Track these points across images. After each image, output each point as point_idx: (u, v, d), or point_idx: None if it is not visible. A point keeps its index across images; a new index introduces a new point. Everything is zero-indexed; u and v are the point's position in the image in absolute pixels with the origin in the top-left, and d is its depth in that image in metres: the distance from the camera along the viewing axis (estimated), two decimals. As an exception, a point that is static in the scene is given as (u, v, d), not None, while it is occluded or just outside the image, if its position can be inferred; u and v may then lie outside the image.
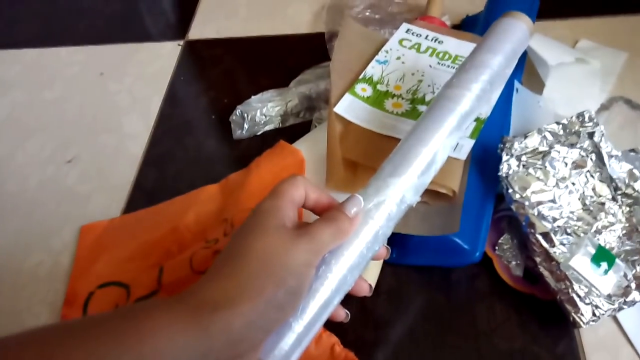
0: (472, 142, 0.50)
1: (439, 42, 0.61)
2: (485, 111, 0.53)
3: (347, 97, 0.55)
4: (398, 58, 0.60)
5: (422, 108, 0.55)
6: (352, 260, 0.33)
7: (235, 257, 0.28)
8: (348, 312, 0.36)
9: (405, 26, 0.63)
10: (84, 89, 0.77)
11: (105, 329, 0.25)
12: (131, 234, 0.54)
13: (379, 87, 0.57)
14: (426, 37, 0.62)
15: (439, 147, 0.38)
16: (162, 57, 0.79)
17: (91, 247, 0.56)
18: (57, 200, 0.63)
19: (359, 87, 0.57)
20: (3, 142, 0.71)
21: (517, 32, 0.46)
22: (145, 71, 0.78)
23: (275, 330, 0.29)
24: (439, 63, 0.59)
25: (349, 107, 0.55)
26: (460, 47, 0.61)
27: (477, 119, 0.53)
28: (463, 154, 0.49)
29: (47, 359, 0.23)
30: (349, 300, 0.49)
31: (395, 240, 0.52)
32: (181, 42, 0.81)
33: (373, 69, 0.59)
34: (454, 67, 0.59)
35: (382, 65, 0.59)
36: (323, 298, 0.31)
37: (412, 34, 0.63)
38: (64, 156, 0.68)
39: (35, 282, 0.56)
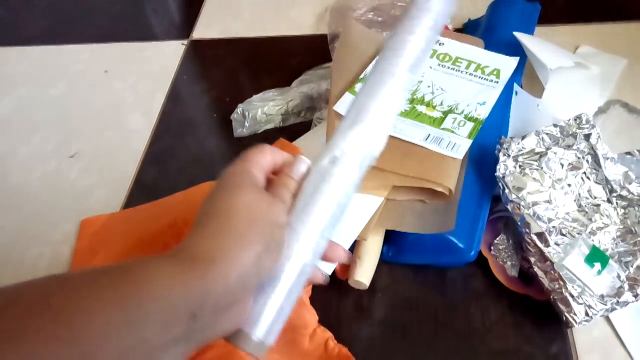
0: (469, 142, 0.51)
1: (440, 44, 0.62)
2: (484, 112, 0.54)
3: (347, 95, 0.56)
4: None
5: (421, 108, 0.55)
6: (319, 219, 0.33)
7: (220, 214, 0.29)
8: (326, 274, 0.36)
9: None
10: (88, 86, 0.78)
11: (104, 280, 0.25)
12: (130, 228, 0.55)
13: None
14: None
15: (393, 97, 0.36)
16: (166, 56, 0.80)
17: (91, 240, 0.56)
18: (59, 194, 0.64)
19: (359, 87, 0.57)
20: (8, 137, 0.72)
21: None
22: (149, 69, 0.79)
23: (263, 280, 0.30)
24: (439, 64, 0.60)
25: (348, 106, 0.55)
26: (461, 49, 0.61)
27: (475, 120, 0.53)
28: (460, 153, 0.50)
29: (47, 307, 0.23)
30: (344, 297, 0.50)
31: (392, 238, 0.52)
32: (185, 42, 0.82)
33: (369, 70, 0.59)
34: (453, 69, 0.59)
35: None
36: (297, 262, 0.32)
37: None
38: (67, 151, 0.69)
39: (35, 273, 0.56)
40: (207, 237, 0.28)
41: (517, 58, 0.59)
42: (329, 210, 0.33)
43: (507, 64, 0.59)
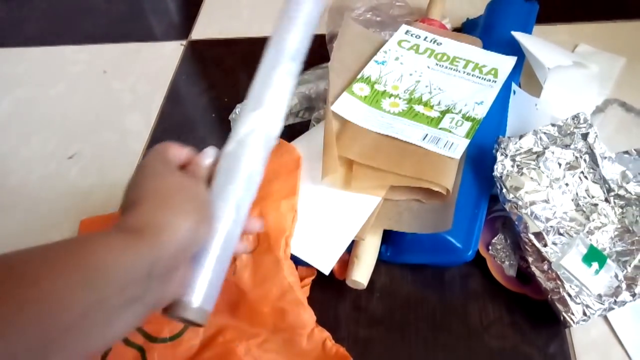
0: (466, 141, 0.51)
1: (437, 43, 0.62)
2: (481, 112, 0.54)
3: (345, 96, 0.56)
4: (396, 59, 0.61)
5: (418, 108, 0.55)
6: (234, 194, 0.37)
7: (154, 194, 0.33)
8: (260, 221, 0.41)
9: (404, 28, 0.64)
10: (87, 87, 0.78)
11: (61, 251, 0.27)
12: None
13: (376, 86, 0.58)
14: (425, 39, 0.63)
15: (282, 83, 0.41)
16: (165, 56, 0.80)
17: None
18: (58, 195, 0.64)
19: (357, 87, 0.57)
20: (7, 138, 0.72)
21: None
22: (147, 70, 0.79)
23: (199, 249, 0.34)
24: (437, 64, 0.60)
25: (347, 106, 0.55)
26: (459, 48, 0.61)
27: (472, 119, 0.53)
28: (457, 153, 0.50)
29: (10, 275, 0.25)
30: (342, 298, 0.50)
31: (390, 238, 0.52)
32: (184, 42, 0.82)
33: (371, 69, 0.59)
34: (451, 68, 0.59)
35: (381, 65, 0.60)
36: (221, 232, 0.36)
37: (411, 35, 0.63)
38: (66, 152, 0.69)
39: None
40: (146, 213, 0.31)
41: (515, 57, 0.59)
42: (242, 186, 0.37)
43: (505, 63, 0.59)
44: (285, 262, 0.46)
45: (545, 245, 0.44)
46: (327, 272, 0.47)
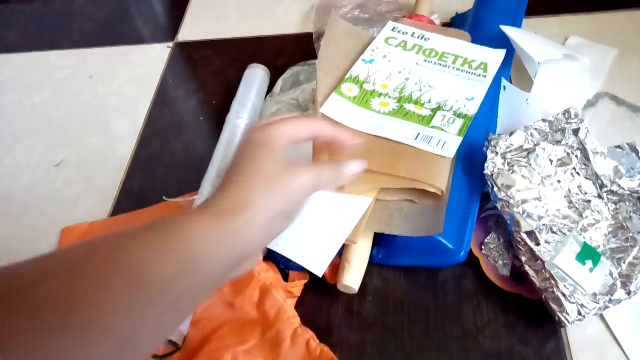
0: (459, 139, 0.50)
1: (425, 39, 0.61)
2: (472, 108, 0.53)
3: (334, 97, 0.55)
4: (384, 56, 0.60)
5: (409, 106, 0.54)
6: None
7: (245, 177, 0.35)
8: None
9: (390, 24, 0.63)
10: (73, 92, 0.77)
11: (153, 236, 0.30)
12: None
13: (365, 86, 0.57)
14: (412, 35, 0.62)
15: None
16: (152, 59, 0.79)
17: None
18: (45, 204, 0.63)
19: (345, 87, 0.56)
20: (-8, 146, 0.71)
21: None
22: (134, 73, 0.78)
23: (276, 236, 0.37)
24: (425, 60, 0.59)
25: (336, 107, 0.54)
26: (448, 43, 0.60)
27: (464, 116, 0.52)
28: (450, 151, 0.49)
29: (114, 261, 0.27)
30: (334, 302, 0.49)
31: (381, 240, 0.51)
32: (170, 44, 0.81)
33: (359, 69, 0.58)
34: (440, 64, 0.58)
35: (368, 64, 0.59)
36: None
37: (398, 31, 0.62)
38: (52, 159, 0.68)
39: (22, 286, 0.56)
40: (235, 195, 0.34)
41: (504, 50, 0.58)
42: None
43: (494, 56, 0.58)
44: (256, 266, 0.47)
45: (538, 244, 0.44)
46: (320, 274, 0.46)
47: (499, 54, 0.58)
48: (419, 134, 0.51)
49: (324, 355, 0.44)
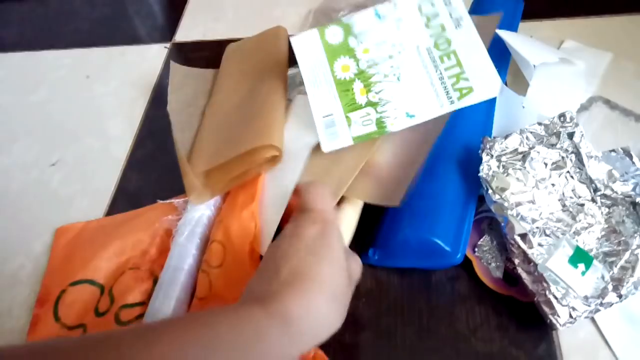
0: (350, 143, 0.50)
1: (458, 23, 0.53)
2: (398, 125, 0.51)
3: (313, 33, 0.52)
4: (398, 20, 0.54)
5: (356, 85, 0.52)
6: None
7: (309, 279, 0.33)
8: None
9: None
10: (69, 92, 0.77)
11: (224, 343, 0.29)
12: (107, 236, 0.54)
13: (350, 39, 0.53)
14: (450, 15, 0.54)
15: None
16: (149, 59, 0.79)
17: (66, 248, 0.56)
18: (40, 204, 0.63)
19: (331, 30, 0.53)
20: (-12, 146, 0.71)
21: None
22: (131, 74, 0.78)
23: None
24: (428, 49, 0.53)
25: (307, 45, 0.53)
26: (469, 41, 0.52)
27: (380, 127, 0.51)
28: (330, 146, 0.50)
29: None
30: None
31: (377, 242, 0.52)
32: (168, 45, 0.81)
33: (361, 19, 0.53)
34: (434, 63, 0.53)
35: (376, 19, 0.53)
36: None
37: (444, 2, 0.54)
38: (48, 159, 0.68)
39: (16, 285, 0.56)
40: (307, 305, 0.32)
41: (500, 82, 0.52)
42: None
43: (488, 85, 0.51)
44: (254, 269, 0.46)
45: (531, 246, 0.44)
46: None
47: (495, 85, 0.51)
48: (330, 115, 0.51)
49: (318, 358, 0.44)
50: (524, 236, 0.44)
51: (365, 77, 0.53)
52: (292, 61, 0.66)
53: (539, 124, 0.49)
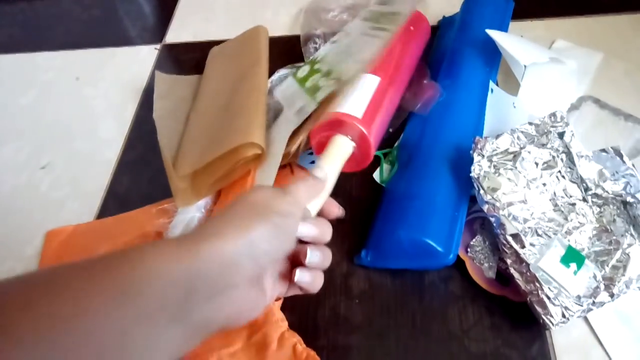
0: (314, 104, 0.52)
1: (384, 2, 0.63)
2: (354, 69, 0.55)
3: (290, 80, 0.57)
4: (348, 34, 0.61)
5: (304, 68, 0.57)
6: None
7: (229, 207, 0.31)
8: (341, 207, 0.40)
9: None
10: (59, 95, 0.76)
11: (99, 265, 0.26)
12: (97, 239, 0.54)
13: (316, 66, 0.57)
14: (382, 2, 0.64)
15: None
16: (139, 61, 0.79)
17: (56, 251, 0.55)
18: (30, 207, 0.63)
19: (302, 69, 0.58)
20: (-23, 149, 0.71)
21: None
22: (121, 76, 0.77)
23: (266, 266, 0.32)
24: (371, 28, 0.59)
25: (286, 89, 0.57)
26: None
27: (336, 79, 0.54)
28: (301, 117, 0.52)
29: (49, 289, 0.24)
30: (320, 305, 0.49)
31: (369, 243, 0.51)
32: (158, 46, 0.81)
33: (323, 50, 0.60)
34: (379, 29, 0.58)
35: (333, 45, 0.60)
36: None
37: (378, 2, 0.64)
38: (38, 162, 0.67)
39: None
40: (210, 221, 0.30)
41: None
42: None
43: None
44: None
45: (523, 246, 0.44)
46: None
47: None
48: (293, 94, 0.55)
49: (310, 356, 0.44)
50: (516, 236, 0.44)
51: (312, 62, 0.59)
52: (278, 61, 0.67)
53: (530, 123, 0.49)
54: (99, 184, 0.63)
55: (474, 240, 0.50)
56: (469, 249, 0.49)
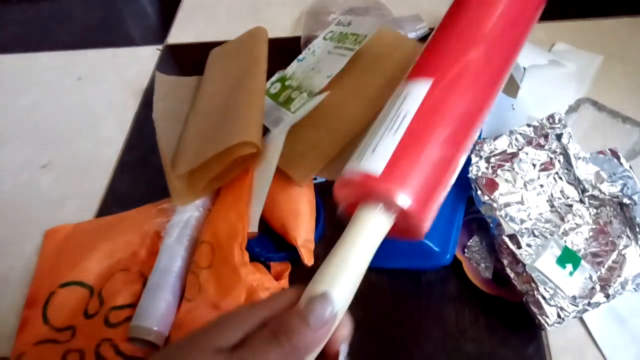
0: (292, 117, 0.55)
1: (347, 24, 0.64)
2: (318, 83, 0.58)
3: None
4: (313, 53, 0.63)
5: (275, 85, 0.62)
6: None
7: None
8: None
9: (337, 19, 0.68)
10: (61, 94, 0.77)
11: None
12: (96, 238, 0.54)
13: (287, 82, 0.61)
14: (343, 23, 0.65)
15: None
16: (141, 61, 0.79)
17: (55, 250, 0.55)
18: (31, 206, 0.63)
19: (272, 87, 0.62)
20: (-22, 148, 0.71)
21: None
22: (123, 76, 0.77)
23: None
24: (335, 47, 0.62)
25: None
26: (364, 25, 0.62)
27: (309, 94, 0.58)
28: (281, 130, 0.53)
29: None
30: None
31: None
32: (160, 47, 0.81)
33: (291, 68, 0.63)
34: (336, 47, 0.62)
35: (300, 62, 0.63)
36: None
37: (339, 23, 0.66)
38: (38, 161, 0.68)
39: (5, 287, 0.55)
40: None
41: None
42: None
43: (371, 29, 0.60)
44: (243, 269, 0.46)
45: (519, 247, 0.44)
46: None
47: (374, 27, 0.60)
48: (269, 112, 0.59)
49: None
50: (512, 237, 0.44)
51: (282, 79, 0.64)
52: (279, 62, 0.68)
53: (528, 125, 0.49)
54: (99, 184, 0.64)
55: (471, 240, 0.50)
56: (465, 250, 0.49)
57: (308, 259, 0.49)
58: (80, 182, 0.64)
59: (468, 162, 0.48)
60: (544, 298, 0.42)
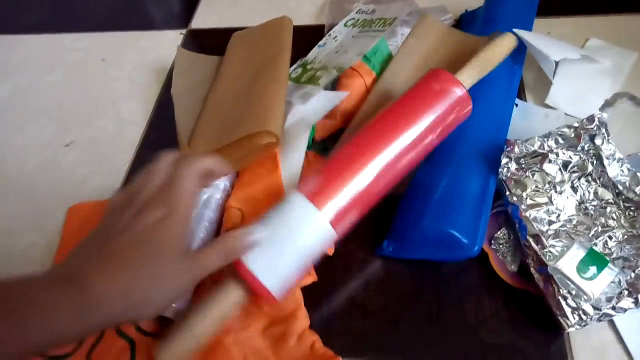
0: (319, 89, 0.55)
1: (372, 12, 0.65)
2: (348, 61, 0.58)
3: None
4: (335, 38, 0.63)
5: (297, 70, 0.62)
6: None
7: (118, 255, 0.35)
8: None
9: (357, 7, 0.68)
10: (85, 75, 0.77)
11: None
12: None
13: (308, 66, 0.61)
14: (366, 11, 0.67)
15: None
16: (164, 45, 0.79)
17: (78, 226, 0.56)
18: (54, 183, 0.64)
19: (294, 72, 0.61)
20: (3, 125, 0.72)
21: None
22: (146, 59, 0.78)
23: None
24: (360, 32, 0.62)
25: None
26: (389, 10, 0.63)
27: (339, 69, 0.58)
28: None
29: None
30: (337, 291, 0.49)
31: (392, 234, 0.51)
32: (183, 31, 0.81)
33: (312, 54, 0.63)
34: (366, 31, 0.62)
35: (320, 48, 0.64)
36: None
37: (360, 12, 0.67)
38: (62, 140, 0.68)
39: (28, 263, 0.56)
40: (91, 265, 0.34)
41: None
42: None
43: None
44: None
45: (543, 247, 0.43)
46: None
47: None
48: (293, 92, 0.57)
49: (328, 357, 0.44)
50: (536, 237, 0.44)
51: (304, 64, 0.63)
52: (302, 50, 0.67)
53: (563, 127, 0.48)
54: (121, 163, 0.64)
55: (498, 232, 0.49)
56: (492, 242, 0.49)
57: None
58: (103, 162, 0.65)
59: (496, 153, 0.48)
60: (565, 299, 0.41)
